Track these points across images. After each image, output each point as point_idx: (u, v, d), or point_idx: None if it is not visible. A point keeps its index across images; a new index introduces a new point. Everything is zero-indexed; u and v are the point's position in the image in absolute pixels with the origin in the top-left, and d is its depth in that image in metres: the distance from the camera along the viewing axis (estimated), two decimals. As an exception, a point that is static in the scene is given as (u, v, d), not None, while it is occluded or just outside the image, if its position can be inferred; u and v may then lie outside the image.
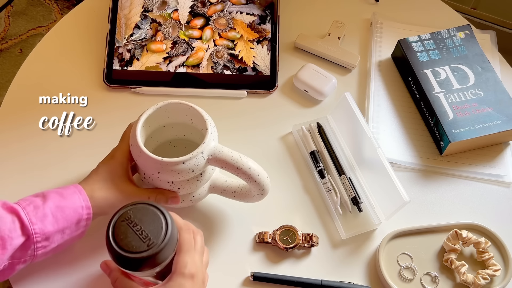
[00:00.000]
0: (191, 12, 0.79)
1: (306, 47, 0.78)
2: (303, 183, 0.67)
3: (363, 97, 0.74)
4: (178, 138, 0.65)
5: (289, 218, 0.65)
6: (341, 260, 0.62)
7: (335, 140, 0.70)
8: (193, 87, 0.74)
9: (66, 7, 1.59)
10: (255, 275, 0.60)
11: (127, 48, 0.75)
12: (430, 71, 0.72)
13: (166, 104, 0.57)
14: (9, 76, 1.45)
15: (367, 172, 0.66)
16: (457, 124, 0.67)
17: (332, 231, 0.64)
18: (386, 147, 0.69)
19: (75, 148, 0.68)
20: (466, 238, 0.60)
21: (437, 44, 0.74)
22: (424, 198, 0.67)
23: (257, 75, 0.74)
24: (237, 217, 0.64)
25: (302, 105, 0.74)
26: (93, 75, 0.74)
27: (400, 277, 0.60)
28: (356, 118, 0.65)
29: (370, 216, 0.64)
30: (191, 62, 0.75)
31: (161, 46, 0.76)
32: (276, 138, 0.71)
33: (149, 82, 0.73)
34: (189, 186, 0.57)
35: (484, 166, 0.69)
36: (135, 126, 0.55)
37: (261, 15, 0.78)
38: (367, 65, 0.77)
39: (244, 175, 0.54)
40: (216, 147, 0.55)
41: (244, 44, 0.77)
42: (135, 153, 0.54)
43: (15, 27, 1.54)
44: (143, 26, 0.77)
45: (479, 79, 0.71)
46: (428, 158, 0.69)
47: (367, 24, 0.81)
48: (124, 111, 0.71)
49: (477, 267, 0.61)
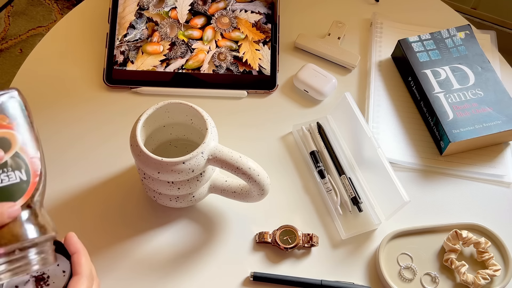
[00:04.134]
0: (190, 11, 0.76)
1: (306, 47, 0.78)
2: (303, 183, 0.67)
3: (363, 97, 0.74)
4: (178, 138, 0.65)
5: (289, 218, 0.65)
6: (341, 260, 0.62)
7: (335, 140, 0.70)
8: (193, 87, 0.73)
9: (66, 7, 1.59)
10: (255, 275, 0.60)
11: (121, 50, 0.72)
12: (430, 71, 0.72)
13: (166, 104, 0.57)
14: (9, 76, 1.45)
15: (367, 172, 0.66)
16: (457, 124, 0.67)
17: (332, 231, 0.64)
18: (386, 147, 0.69)
19: (74, 148, 0.68)
20: (466, 238, 0.60)
21: (437, 44, 0.74)
22: (424, 198, 0.67)
23: (257, 75, 0.74)
24: (237, 217, 0.64)
25: (302, 105, 0.74)
26: (93, 75, 0.74)
27: (400, 277, 0.60)
28: (356, 118, 0.65)
29: (370, 216, 0.64)
30: (191, 65, 0.73)
31: (158, 47, 0.73)
32: (276, 138, 0.71)
33: (149, 82, 0.73)
34: (189, 186, 0.57)
35: (484, 166, 0.69)
36: (135, 126, 0.55)
37: (267, 14, 0.75)
38: (367, 65, 0.77)
39: (244, 175, 0.54)
40: (216, 147, 0.55)
41: (249, 45, 0.74)
42: (135, 153, 0.54)
43: (15, 27, 1.54)
44: (138, 26, 0.74)
45: (479, 79, 0.71)
46: (428, 158, 0.69)
47: (367, 24, 0.81)
48: (124, 111, 0.71)
49: (477, 267, 0.61)
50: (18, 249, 0.40)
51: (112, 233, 0.62)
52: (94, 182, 0.66)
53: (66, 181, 0.66)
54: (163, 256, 0.61)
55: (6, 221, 0.40)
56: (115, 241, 0.62)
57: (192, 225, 0.64)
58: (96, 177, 0.66)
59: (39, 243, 0.41)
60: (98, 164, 0.67)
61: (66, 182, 0.66)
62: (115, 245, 0.62)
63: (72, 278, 0.44)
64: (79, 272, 0.45)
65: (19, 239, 0.40)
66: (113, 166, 0.67)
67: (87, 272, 0.45)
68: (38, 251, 0.41)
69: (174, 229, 0.63)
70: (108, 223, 0.63)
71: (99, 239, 0.62)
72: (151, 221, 0.64)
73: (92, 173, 0.66)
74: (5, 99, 0.43)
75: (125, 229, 0.63)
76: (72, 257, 0.45)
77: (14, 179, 0.41)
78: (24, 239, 0.40)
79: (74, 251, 0.46)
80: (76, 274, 0.44)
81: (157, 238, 0.63)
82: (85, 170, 0.67)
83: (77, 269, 0.45)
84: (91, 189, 0.65)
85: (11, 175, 0.41)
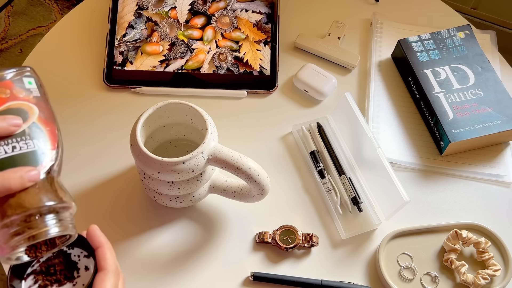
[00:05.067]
0: (190, 10, 0.76)
1: (306, 47, 0.78)
2: (303, 183, 0.67)
3: (363, 97, 0.74)
4: (178, 138, 0.65)
5: (289, 218, 0.65)
6: (341, 260, 0.62)
7: (335, 140, 0.70)
8: (193, 87, 0.73)
9: (66, 7, 1.59)
10: (255, 275, 0.60)
11: (120, 50, 0.72)
12: (430, 71, 0.72)
13: (166, 104, 0.57)
14: (9, 76, 1.45)
15: (367, 172, 0.66)
16: (457, 124, 0.67)
17: (332, 231, 0.64)
18: (386, 147, 0.69)
19: (75, 148, 0.68)
20: (466, 238, 0.60)
21: (437, 44, 0.74)
22: (424, 198, 0.67)
23: (257, 75, 0.74)
24: (237, 217, 0.64)
25: (302, 105, 0.74)
26: (93, 75, 0.74)
27: (400, 277, 0.60)
28: (356, 118, 0.65)
29: (370, 216, 0.64)
30: (191, 65, 0.72)
31: (157, 47, 0.72)
32: (276, 138, 0.71)
33: (149, 82, 0.73)
34: (189, 186, 0.57)
35: (484, 166, 0.69)
36: (135, 126, 0.55)
37: (268, 14, 0.75)
38: (367, 65, 0.77)
39: (244, 175, 0.54)
40: (216, 147, 0.55)
41: (250, 45, 0.73)
42: (135, 153, 0.54)
43: (15, 27, 1.54)
44: (137, 26, 0.73)
45: (479, 79, 0.71)
46: (428, 158, 0.69)
47: (367, 24, 0.81)
48: (124, 111, 0.71)
49: (477, 267, 0.61)
50: (38, 214, 0.40)
51: (112, 233, 0.62)
52: (94, 182, 0.66)
53: (66, 181, 0.66)
54: (163, 256, 0.61)
55: (27, 184, 0.40)
56: (115, 241, 0.62)
57: (192, 225, 0.64)
58: (95, 177, 0.66)
59: (58, 210, 0.42)
60: (98, 164, 0.67)
61: (65, 182, 0.65)
62: (115, 245, 0.62)
63: (98, 273, 0.43)
64: (105, 267, 0.43)
65: (39, 204, 0.40)
66: (113, 166, 0.67)
67: (113, 267, 0.43)
68: (57, 218, 0.41)
69: (174, 229, 0.63)
70: (108, 223, 0.63)
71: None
72: (151, 221, 0.64)
73: (91, 173, 0.66)
74: (20, 75, 0.44)
75: (125, 229, 0.63)
76: (97, 252, 0.44)
77: (33, 147, 0.41)
78: (43, 205, 0.40)
79: (98, 245, 0.44)
80: (101, 270, 0.43)
81: (157, 238, 0.63)
82: (85, 170, 0.67)
83: (102, 264, 0.43)
84: (90, 189, 0.65)
85: (29, 143, 0.41)
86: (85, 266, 0.45)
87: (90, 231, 0.45)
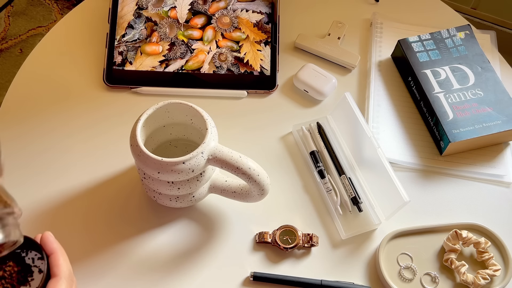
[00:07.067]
0: (190, 10, 0.75)
1: (306, 47, 0.78)
2: (303, 183, 0.67)
3: (363, 97, 0.74)
4: (178, 138, 0.65)
5: (289, 218, 0.65)
6: (341, 260, 0.62)
7: (335, 140, 0.70)
8: (193, 87, 0.73)
9: (66, 7, 1.59)
10: (255, 275, 0.60)
11: (119, 50, 0.71)
12: (430, 71, 0.72)
13: (166, 104, 0.57)
14: (9, 76, 1.45)
15: (367, 172, 0.66)
16: (457, 124, 0.67)
17: (332, 231, 0.64)
18: (386, 147, 0.69)
19: (75, 148, 0.68)
20: (466, 238, 0.60)
21: (437, 44, 0.74)
22: (424, 198, 0.67)
23: (257, 75, 0.74)
24: (237, 217, 0.64)
25: (302, 105, 0.74)
26: (93, 75, 0.74)
27: (400, 277, 0.60)
28: (356, 118, 0.65)
29: (370, 216, 0.64)
30: (191, 66, 0.72)
31: (157, 48, 0.72)
32: (276, 138, 0.71)
33: (149, 82, 0.73)
34: (189, 186, 0.57)
35: (484, 166, 0.69)
36: (135, 126, 0.55)
37: (269, 14, 0.74)
38: (367, 65, 0.77)
39: (244, 175, 0.54)
40: (216, 147, 0.55)
41: (250, 45, 0.73)
42: (135, 153, 0.55)
43: (15, 27, 1.54)
44: (136, 26, 0.73)
45: (479, 79, 0.71)
46: (428, 158, 0.69)
47: (367, 24, 0.81)
48: (124, 111, 0.71)
49: (477, 267, 0.61)
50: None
51: (112, 233, 0.62)
52: (94, 182, 0.66)
53: (66, 181, 0.66)
54: (163, 256, 0.61)
55: None
56: (115, 241, 0.62)
57: (192, 225, 0.64)
58: (95, 177, 0.66)
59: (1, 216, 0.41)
60: (98, 164, 0.67)
61: (65, 182, 0.66)
62: (115, 245, 0.62)
63: (51, 279, 0.44)
64: (58, 273, 0.44)
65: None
66: (113, 166, 0.67)
67: (66, 273, 0.45)
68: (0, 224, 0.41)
69: (174, 229, 0.63)
70: (108, 223, 0.63)
71: (99, 239, 0.62)
72: (151, 221, 0.64)
73: (91, 173, 0.66)
74: None
75: (125, 229, 0.63)
76: (50, 258, 0.45)
77: None
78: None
79: (51, 251, 0.45)
80: (54, 276, 0.44)
81: (157, 238, 0.63)
82: (85, 170, 0.67)
83: (55, 271, 0.45)
84: (90, 189, 0.65)
85: None
86: (39, 269, 0.45)
87: (44, 238, 0.46)
